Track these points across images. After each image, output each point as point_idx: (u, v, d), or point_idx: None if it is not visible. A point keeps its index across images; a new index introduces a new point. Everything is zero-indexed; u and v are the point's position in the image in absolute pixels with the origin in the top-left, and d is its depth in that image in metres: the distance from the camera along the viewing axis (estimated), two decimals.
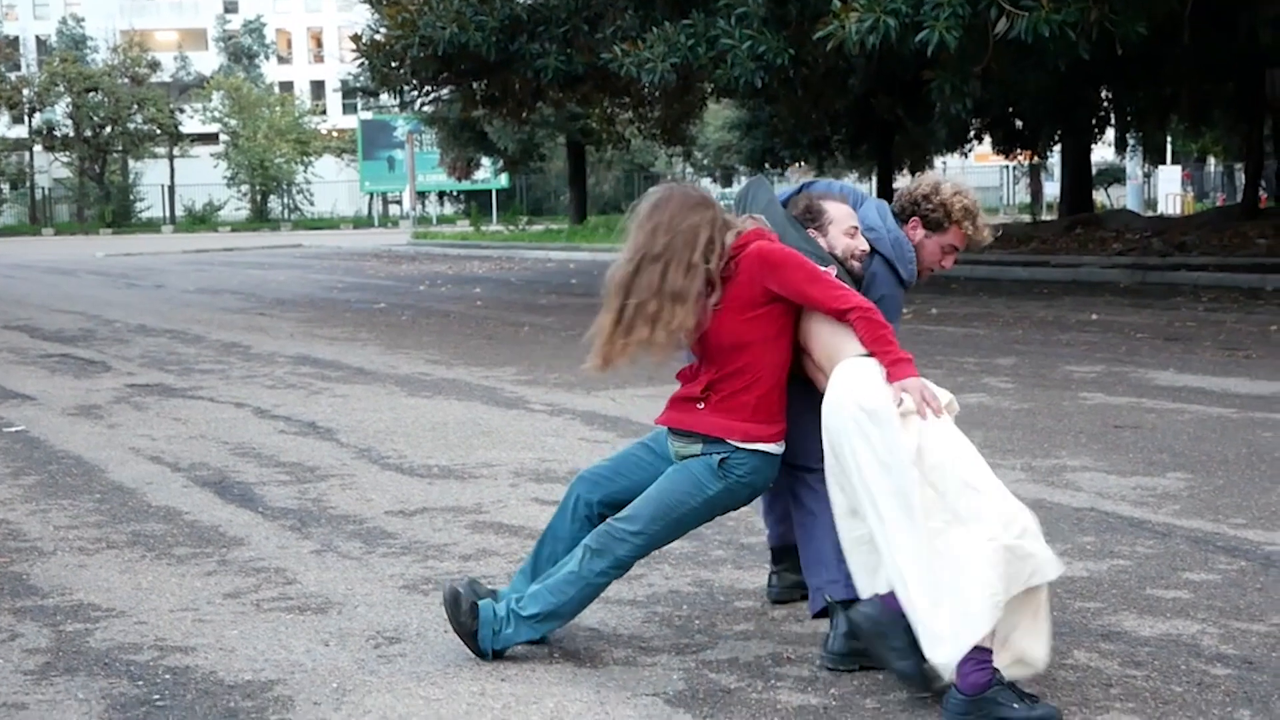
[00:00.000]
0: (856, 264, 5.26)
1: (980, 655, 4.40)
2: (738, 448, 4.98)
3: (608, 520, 5.10)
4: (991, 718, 4.39)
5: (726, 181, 77.75)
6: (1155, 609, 5.64)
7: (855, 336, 4.80)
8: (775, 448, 5.03)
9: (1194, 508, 7.32)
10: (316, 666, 5.09)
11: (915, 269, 5.46)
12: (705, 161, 75.29)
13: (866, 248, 5.29)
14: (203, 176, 70.65)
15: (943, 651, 4.37)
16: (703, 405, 5.05)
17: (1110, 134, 40.81)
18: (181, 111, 71.79)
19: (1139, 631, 5.35)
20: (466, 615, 5.02)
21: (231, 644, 5.36)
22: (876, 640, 4.63)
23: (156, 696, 4.81)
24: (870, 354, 4.76)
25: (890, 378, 4.68)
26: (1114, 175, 64.08)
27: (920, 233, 5.48)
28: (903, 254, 5.42)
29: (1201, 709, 4.55)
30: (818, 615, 5.26)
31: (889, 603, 4.57)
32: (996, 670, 4.45)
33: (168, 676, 5.01)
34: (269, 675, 5.00)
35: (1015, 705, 4.40)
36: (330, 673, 5.02)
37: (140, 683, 4.95)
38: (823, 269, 5.01)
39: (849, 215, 5.31)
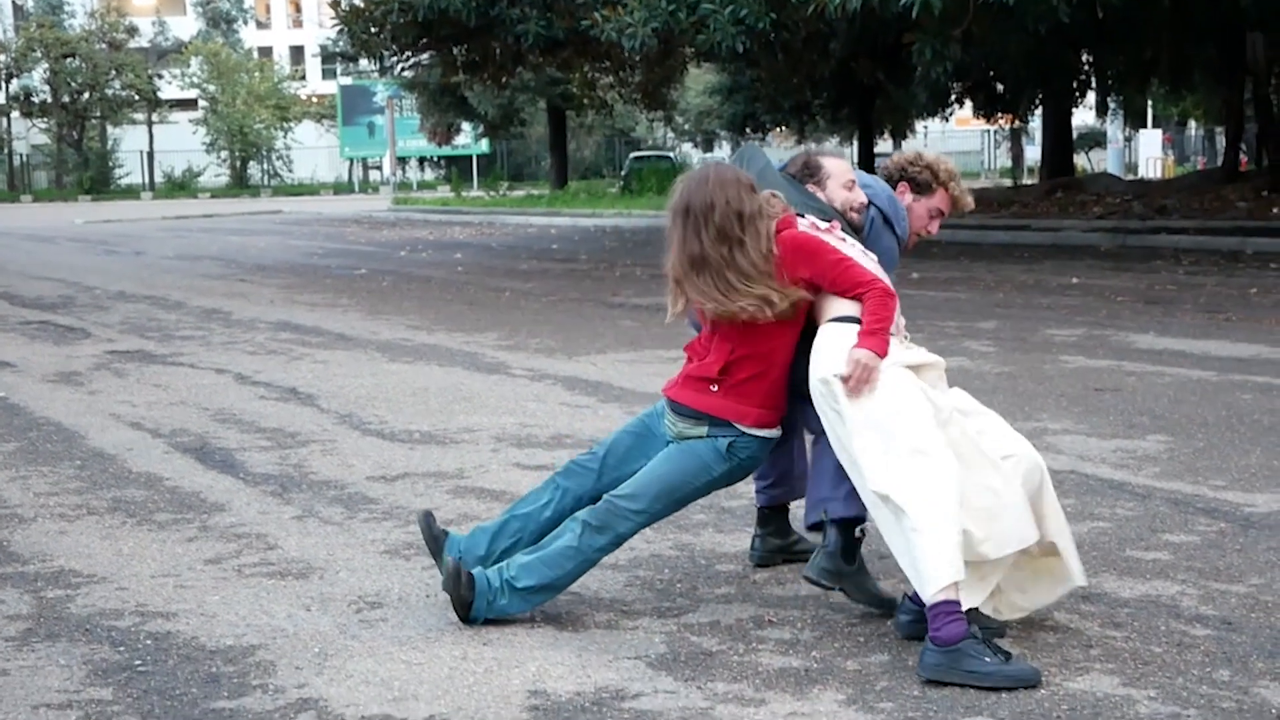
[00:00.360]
0: (855, 215, 5.30)
1: (950, 608, 4.48)
2: (743, 432, 5.04)
3: (608, 497, 5.11)
4: (962, 670, 4.44)
5: (708, 146, 77.63)
6: (1135, 570, 5.66)
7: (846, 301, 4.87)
8: (776, 433, 5.13)
9: (1174, 470, 7.34)
10: (298, 631, 5.09)
11: (908, 227, 5.53)
12: (686, 127, 75.14)
13: (865, 200, 5.34)
14: (182, 143, 70.31)
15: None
16: (717, 388, 5.06)
17: (1091, 97, 40.85)
18: (160, 77, 71.35)
19: (1119, 593, 5.37)
20: (465, 588, 5.03)
21: (213, 609, 5.36)
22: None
23: (138, 662, 4.81)
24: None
25: (856, 345, 4.74)
26: (1095, 139, 64.13)
27: (908, 197, 5.57)
28: (897, 210, 5.49)
29: (1180, 669, 4.57)
30: (811, 528, 5.30)
31: None
32: (972, 625, 4.52)
33: (149, 642, 5.00)
34: (250, 640, 5.00)
35: (986, 659, 4.45)
36: (312, 637, 5.02)
37: (121, 648, 4.95)
38: (824, 225, 5.05)
39: (846, 169, 5.37)
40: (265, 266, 22.95)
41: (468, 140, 63.67)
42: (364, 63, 39.43)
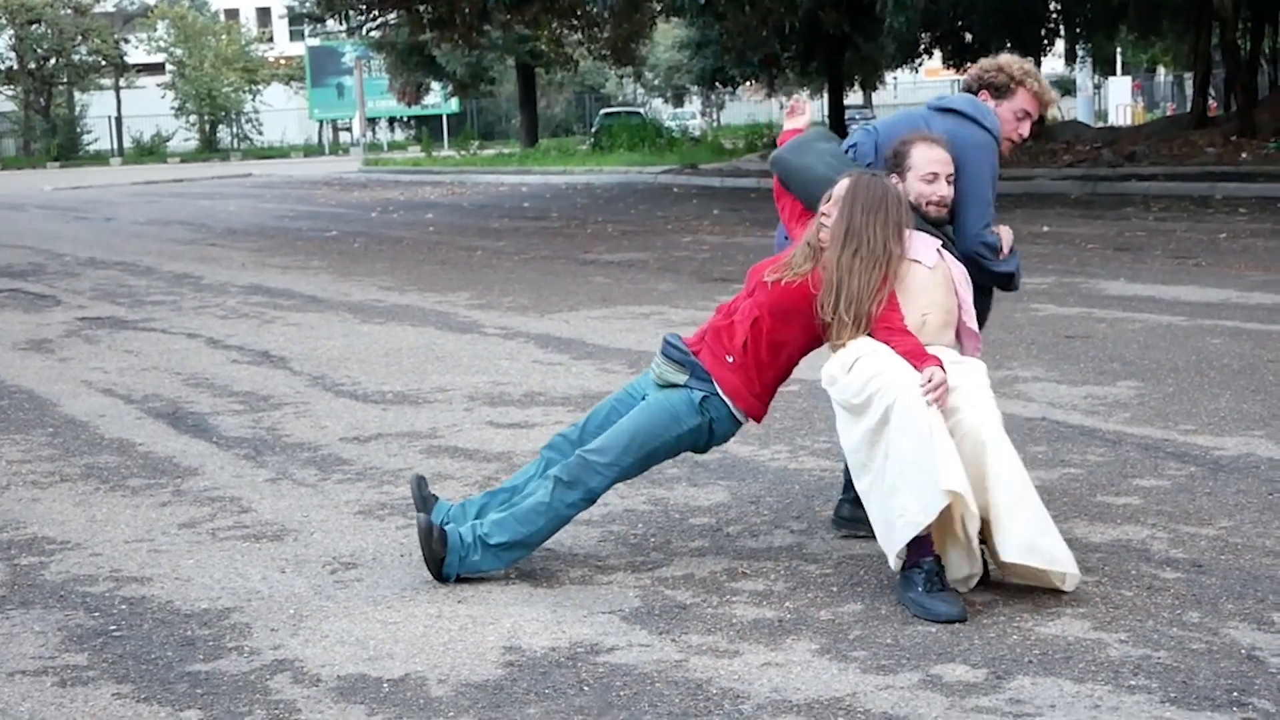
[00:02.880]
0: (933, 209, 5.26)
1: (923, 545, 4.70)
2: (717, 393, 5.11)
3: (579, 452, 5.12)
4: (902, 593, 4.70)
5: (678, 101, 77.50)
6: (1106, 516, 5.69)
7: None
8: (746, 421, 5.23)
9: (1144, 415, 7.38)
10: (273, 593, 5.10)
11: (999, 126, 5.49)
12: (656, 82, 75.01)
13: (944, 193, 5.27)
14: (150, 107, 69.82)
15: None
16: (731, 359, 5.13)
17: (1060, 45, 40.76)
18: (126, 42, 70.79)
19: (1090, 538, 5.41)
20: (437, 543, 5.05)
21: (187, 573, 5.36)
22: None
23: (113, 627, 4.81)
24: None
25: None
26: (1064, 87, 64.07)
27: (990, 103, 5.55)
28: (982, 109, 5.48)
29: (1151, 612, 4.60)
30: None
31: None
32: (928, 558, 4.69)
33: (124, 607, 5.00)
34: (225, 603, 5.01)
35: (920, 588, 4.65)
36: (287, 599, 5.03)
37: (96, 614, 4.95)
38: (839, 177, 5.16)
39: (929, 161, 5.27)
40: (236, 230, 22.86)
41: (437, 100, 63.49)
42: (331, 23, 39.14)
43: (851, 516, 5.50)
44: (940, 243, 5.22)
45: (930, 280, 5.11)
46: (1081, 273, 13.03)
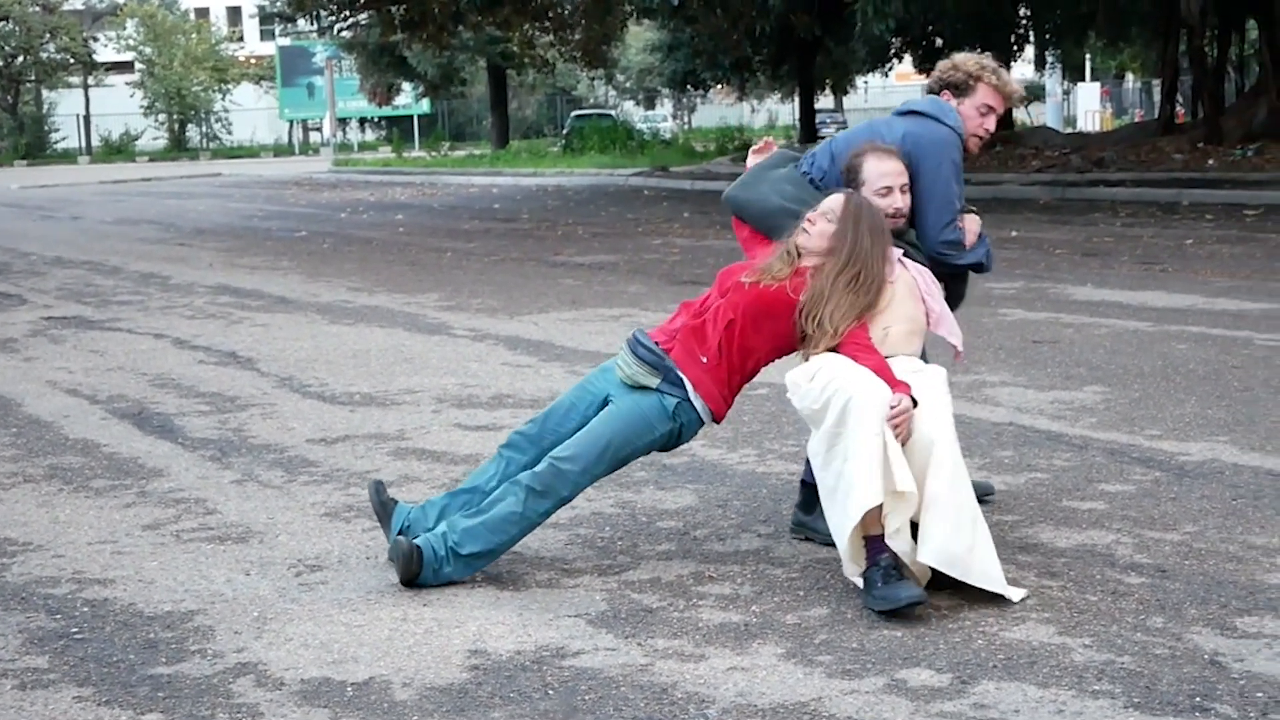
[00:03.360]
0: (890, 223, 5.28)
1: (874, 543, 4.77)
2: (688, 398, 5.13)
3: (551, 459, 5.10)
4: (865, 595, 4.77)
5: (650, 104, 77.54)
6: (1071, 520, 5.71)
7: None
8: (713, 422, 5.27)
9: (1110, 420, 7.40)
10: (237, 596, 5.07)
11: (961, 123, 5.55)
12: (628, 84, 75.02)
13: (899, 205, 5.32)
14: (119, 106, 69.49)
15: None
16: (706, 360, 5.14)
17: (1030, 51, 40.95)
18: (95, 40, 70.43)
19: (1055, 543, 5.42)
20: (416, 564, 5.04)
21: (151, 575, 5.33)
22: None
23: (75, 629, 4.78)
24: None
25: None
26: (1034, 92, 64.26)
27: (953, 102, 5.60)
28: (943, 107, 5.56)
29: (1115, 617, 4.62)
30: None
31: None
32: (884, 554, 4.76)
33: (86, 609, 4.97)
34: (189, 606, 4.98)
35: (879, 584, 4.72)
36: (251, 601, 5.00)
37: (58, 616, 4.91)
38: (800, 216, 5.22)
39: (880, 175, 5.32)
40: (204, 230, 22.77)
41: (408, 100, 63.33)
42: (302, 23, 39.05)
43: (801, 521, 5.59)
44: (900, 253, 5.25)
45: (894, 294, 5.13)
46: (1049, 278, 13.07)
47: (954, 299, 5.74)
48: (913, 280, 5.21)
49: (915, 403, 4.81)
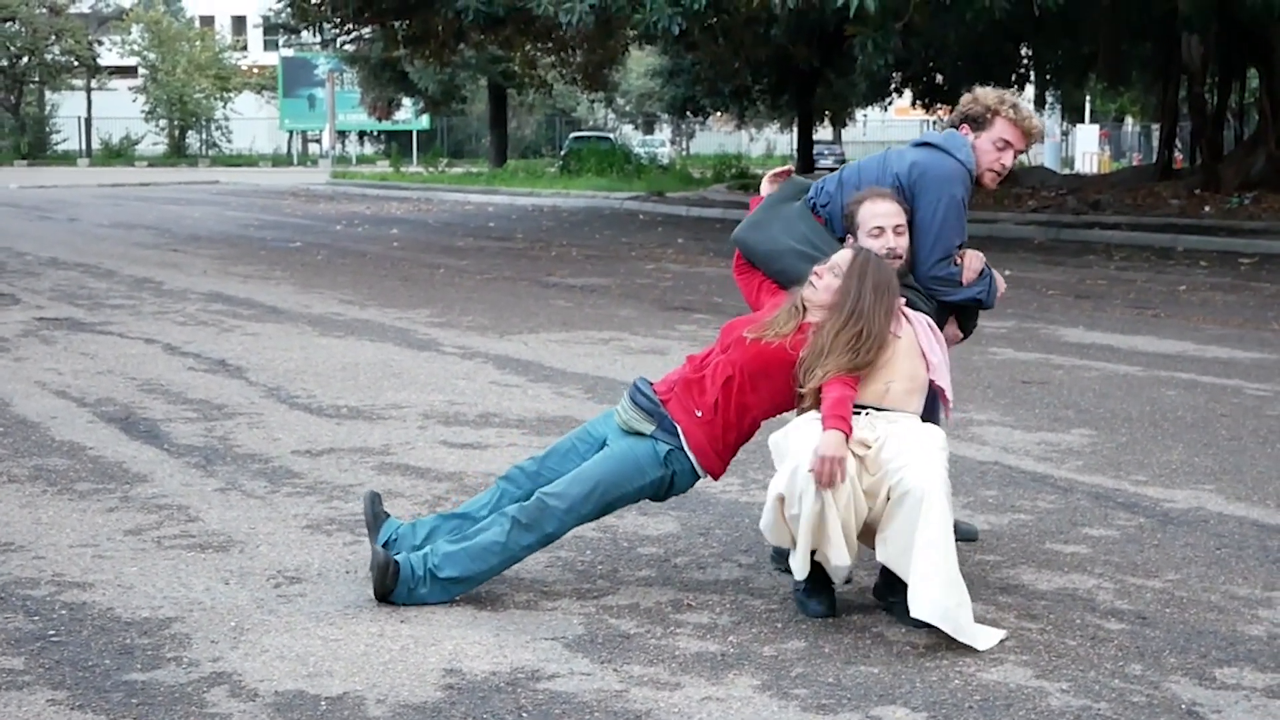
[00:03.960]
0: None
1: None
2: (682, 447, 5.15)
3: (539, 494, 5.12)
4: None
5: (648, 129, 77.62)
6: (1053, 563, 5.70)
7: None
8: (706, 479, 5.28)
9: (1096, 464, 7.40)
10: (215, 605, 5.06)
11: (973, 157, 5.54)
12: (627, 108, 75.11)
13: (892, 244, 5.32)
14: (120, 110, 69.44)
15: None
16: (700, 415, 5.15)
17: (1030, 91, 41.05)
18: (100, 44, 70.45)
19: (1036, 585, 5.42)
20: (391, 578, 5.04)
21: (130, 581, 5.32)
22: None
23: (52, 632, 4.76)
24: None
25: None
26: None
27: (970, 136, 5.59)
28: (955, 140, 5.56)
29: (1094, 662, 4.61)
30: None
31: None
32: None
33: (64, 612, 4.96)
34: (167, 613, 4.97)
35: (806, 597, 5.01)
36: (229, 611, 4.99)
37: (36, 618, 4.90)
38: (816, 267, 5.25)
39: (872, 216, 5.35)
40: (200, 237, 22.76)
41: (408, 115, 63.34)
42: (306, 35, 39.08)
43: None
44: (903, 302, 5.24)
45: (895, 350, 5.11)
46: (1041, 318, 13.09)
47: (963, 331, 5.77)
48: (914, 336, 5.20)
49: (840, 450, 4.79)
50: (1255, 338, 11.93)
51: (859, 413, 4.94)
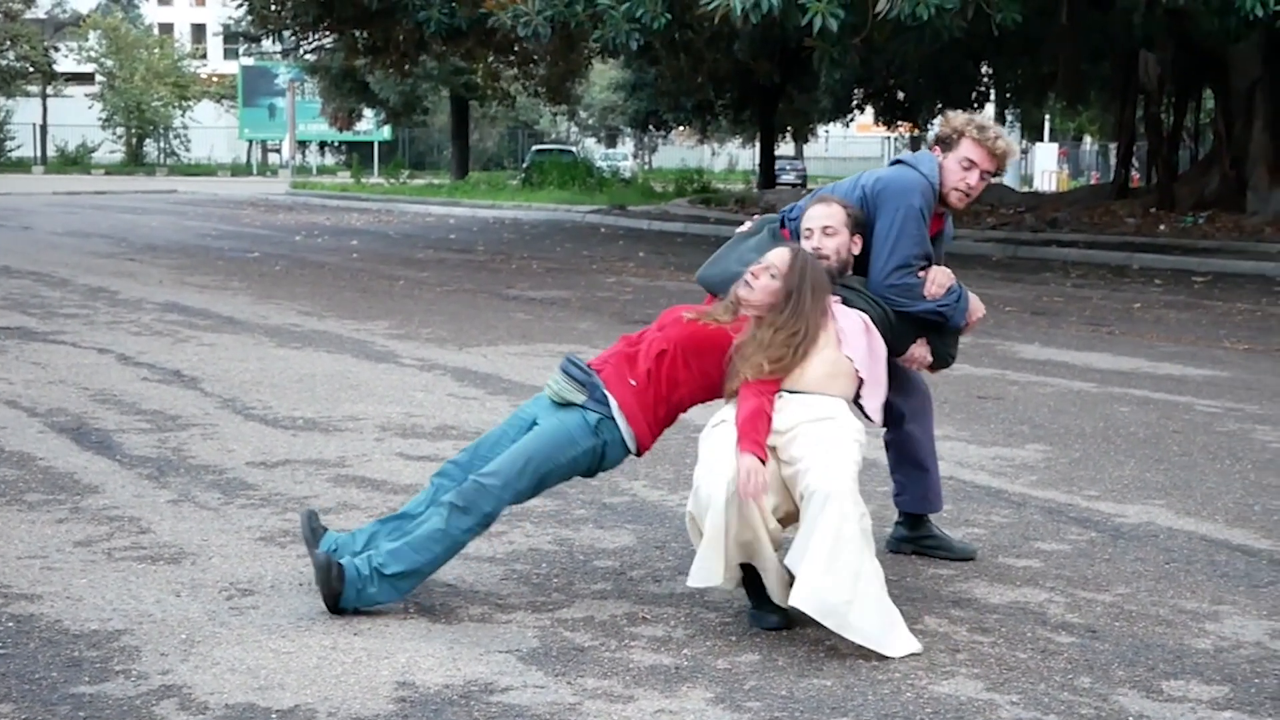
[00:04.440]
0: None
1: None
2: (612, 416, 5.16)
3: (473, 477, 5.11)
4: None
5: (611, 142, 77.70)
6: (1006, 577, 5.73)
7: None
8: (634, 448, 5.27)
9: (1050, 479, 7.44)
10: (166, 617, 5.03)
11: (937, 174, 5.69)
12: (590, 121, 75.17)
13: (816, 245, 5.45)
14: (77, 117, 69.12)
15: None
16: (634, 383, 5.20)
17: (990, 109, 41.30)
18: (56, 50, 70.13)
19: (989, 599, 5.44)
20: (336, 580, 5.01)
21: (79, 593, 5.28)
22: None
23: None
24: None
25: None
26: None
27: (940, 155, 5.74)
28: (923, 158, 5.77)
29: (1044, 675, 4.63)
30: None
31: None
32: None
33: (11, 624, 4.92)
34: (116, 625, 4.93)
35: (760, 610, 5.07)
36: (180, 623, 4.96)
37: None
38: None
39: (808, 218, 5.55)
40: (156, 246, 22.66)
41: (369, 126, 63.30)
42: (266, 44, 38.98)
43: None
44: (838, 300, 5.34)
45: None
46: (998, 334, 13.15)
47: (938, 357, 5.79)
48: (834, 327, 5.24)
49: (764, 460, 4.87)
50: (1207, 355, 12.02)
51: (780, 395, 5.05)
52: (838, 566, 4.75)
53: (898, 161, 5.85)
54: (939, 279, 5.63)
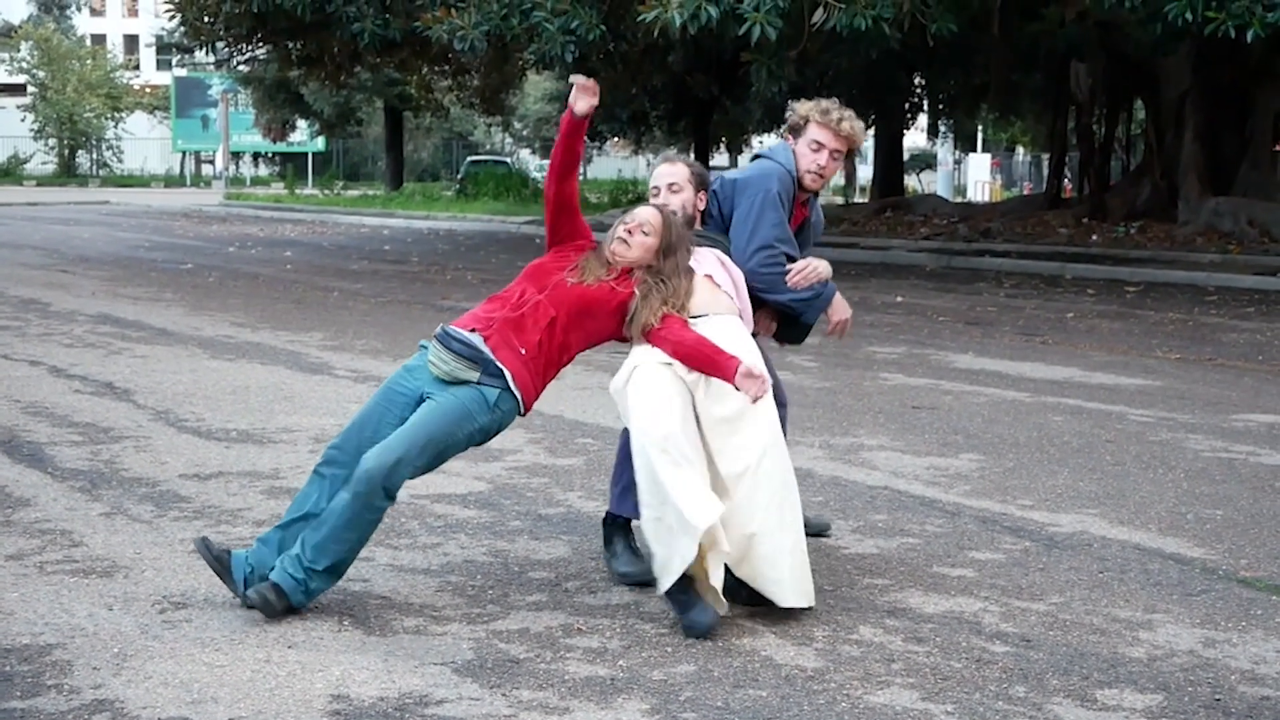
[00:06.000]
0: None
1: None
2: (511, 390, 5.25)
3: (370, 459, 5.11)
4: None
5: (546, 153, 77.56)
6: (940, 587, 5.76)
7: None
8: (523, 410, 5.38)
9: (984, 488, 7.49)
10: (98, 631, 4.98)
11: (792, 160, 5.99)
12: (525, 132, 75.05)
13: (665, 201, 5.75)
14: (8, 128, 68.42)
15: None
16: (525, 352, 5.27)
17: (923, 120, 41.61)
18: None
19: (923, 609, 5.47)
20: (279, 600, 5.06)
21: (10, 607, 5.22)
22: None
23: None
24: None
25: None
26: (926, 161, 65.23)
27: (792, 142, 6.04)
28: (778, 148, 6.08)
29: (979, 684, 4.66)
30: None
31: None
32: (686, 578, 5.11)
33: None
34: (48, 639, 4.89)
35: (688, 612, 5.08)
36: (112, 637, 4.92)
37: None
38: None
39: (656, 176, 5.93)
40: (89, 258, 22.46)
41: (303, 137, 62.93)
42: (199, 55, 38.74)
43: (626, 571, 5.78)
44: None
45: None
46: (931, 344, 13.23)
47: (785, 337, 6.20)
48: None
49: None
50: (1139, 364, 12.13)
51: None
52: (679, 506, 5.07)
53: (758, 156, 6.15)
54: (807, 270, 5.93)
